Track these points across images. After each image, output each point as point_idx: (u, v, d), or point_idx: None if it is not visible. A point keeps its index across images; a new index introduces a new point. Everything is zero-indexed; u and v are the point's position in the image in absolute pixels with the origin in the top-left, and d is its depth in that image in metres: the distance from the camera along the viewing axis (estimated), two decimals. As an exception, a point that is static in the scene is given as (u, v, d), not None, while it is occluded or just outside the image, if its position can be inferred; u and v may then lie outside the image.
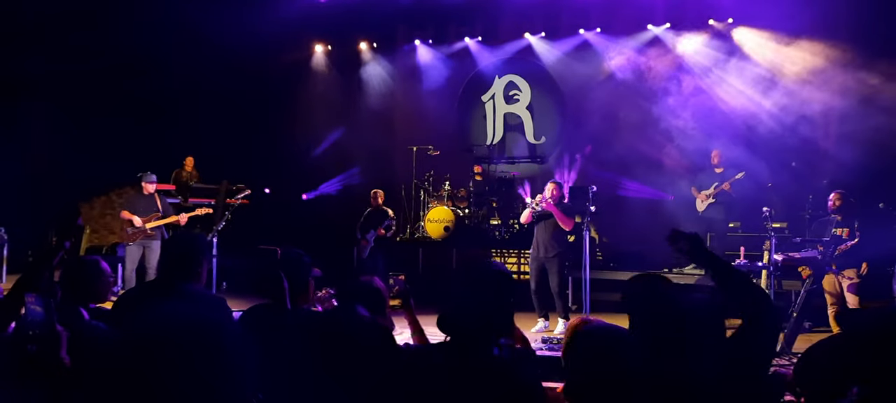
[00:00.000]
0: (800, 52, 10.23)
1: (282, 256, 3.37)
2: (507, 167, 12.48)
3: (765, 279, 7.97)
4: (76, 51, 10.72)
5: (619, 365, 2.16)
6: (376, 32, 13.20)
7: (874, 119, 9.11)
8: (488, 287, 2.39)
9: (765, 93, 10.46)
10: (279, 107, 12.75)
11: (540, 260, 7.92)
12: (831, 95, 9.79)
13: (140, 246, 8.82)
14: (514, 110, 12.97)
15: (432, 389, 2.29)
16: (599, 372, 2.18)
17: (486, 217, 11.58)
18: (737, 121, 10.79)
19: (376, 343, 2.24)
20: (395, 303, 3.69)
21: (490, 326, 2.34)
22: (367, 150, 12.70)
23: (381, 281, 3.27)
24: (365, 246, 9.84)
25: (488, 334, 2.33)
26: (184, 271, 3.23)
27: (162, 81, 11.57)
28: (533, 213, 7.92)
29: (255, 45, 11.20)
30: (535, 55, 12.59)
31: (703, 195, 9.79)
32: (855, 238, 7.16)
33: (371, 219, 10.01)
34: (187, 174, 11.65)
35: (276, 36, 11.62)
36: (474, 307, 2.33)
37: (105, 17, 10.83)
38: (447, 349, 2.35)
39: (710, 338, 2.22)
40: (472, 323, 2.31)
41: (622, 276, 9.69)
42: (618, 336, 2.30)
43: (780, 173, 9.95)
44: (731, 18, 11.08)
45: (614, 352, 2.22)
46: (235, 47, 10.91)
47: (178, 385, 1.81)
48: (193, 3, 10.68)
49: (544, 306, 7.96)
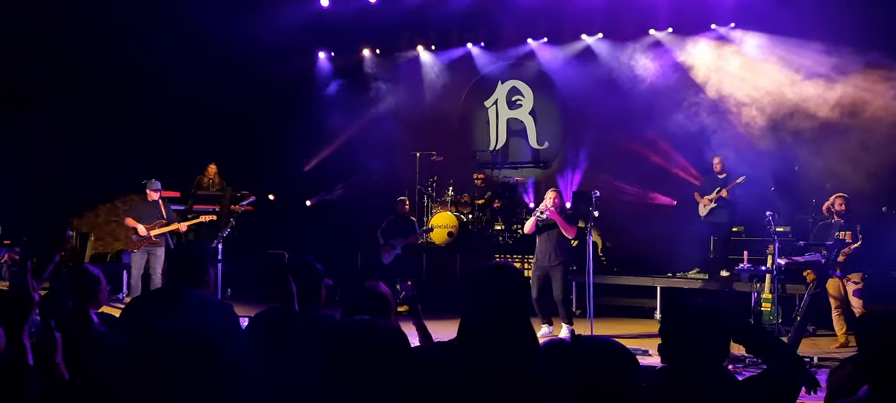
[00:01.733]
0: (802, 55, 10.24)
1: (291, 261, 3.39)
2: (511, 172, 12.51)
3: (768, 283, 7.99)
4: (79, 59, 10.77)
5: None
6: (379, 39, 13.24)
7: (877, 122, 9.12)
8: (507, 290, 2.41)
9: (766, 96, 10.46)
10: (283, 115, 12.80)
11: (544, 268, 7.94)
12: (834, 98, 9.79)
13: (144, 253, 8.84)
14: (516, 115, 13.00)
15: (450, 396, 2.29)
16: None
17: (490, 222, 11.60)
18: (739, 125, 10.80)
19: (393, 348, 2.23)
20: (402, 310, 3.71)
21: (516, 330, 2.35)
22: (370, 156, 12.73)
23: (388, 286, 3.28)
24: (388, 251, 9.79)
25: (516, 338, 2.34)
26: (192, 278, 3.25)
27: (165, 89, 11.62)
28: (537, 223, 7.95)
29: (258, 52, 11.23)
30: (537, 60, 12.63)
31: (706, 200, 9.81)
32: (858, 241, 7.17)
33: (396, 226, 9.96)
34: (209, 180, 11.56)
35: (280, 43, 11.65)
36: (496, 312, 2.34)
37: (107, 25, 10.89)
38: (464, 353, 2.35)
39: None
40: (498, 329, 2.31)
41: (625, 281, 9.72)
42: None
43: (783, 177, 9.96)
44: (734, 23, 11.08)
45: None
46: (239, 54, 10.97)
47: (185, 390, 1.83)
48: (197, 11, 10.74)
49: (546, 312, 7.99)
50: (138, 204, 9.12)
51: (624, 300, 9.64)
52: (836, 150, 9.19)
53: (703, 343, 2.39)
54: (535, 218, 7.94)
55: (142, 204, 9.01)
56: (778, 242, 7.09)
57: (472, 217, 11.49)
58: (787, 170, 9.98)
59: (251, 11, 11.36)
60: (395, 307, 3.25)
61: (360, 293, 3.16)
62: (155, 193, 8.95)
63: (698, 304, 2.52)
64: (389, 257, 9.80)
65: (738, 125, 10.80)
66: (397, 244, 9.71)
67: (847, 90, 9.68)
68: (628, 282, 9.70)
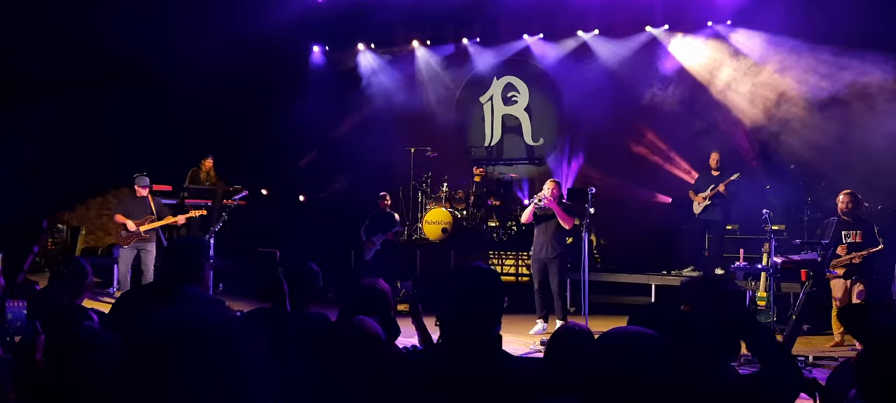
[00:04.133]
0: (798, 53, 10.23)
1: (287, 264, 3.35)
2: (505, 169, 12.47)
3: (764, 281, 7.97)
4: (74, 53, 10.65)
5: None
6: (374, 34, 13.17)
7: (873, 121, 9.12)
8: (479, 288, 2.41)
9: (763, 94, 10.46)
10: (277, 109, 12.70)
11: (541, 260, 7.91)
12: (829, 97, 9.80)
13: (134, 249, 8.76)
14: (512, 112, 12.96)
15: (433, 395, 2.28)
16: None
17: (485, 218, 11.56)
18: (734, 123, 10.80)
19: (375, 351, 2.23)
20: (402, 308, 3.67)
21: (486, 326, 2.36)
22: (364, 151, 12.67)
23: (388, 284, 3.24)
24: (370, 247, 9.78)
25: (486, 334, 2.35)
26: (186, 274, 3.20)
27: (159, 83, 11.51)
28: (535, 211, 7.89)
29: (252, 46, 11.14)
30: (533, 57, 12.59)
31: (700, 197, 9.77)
32: (878, 244, 7.04)
33: (377, 222, 9.95)
34: (205, 174, 11.40)
35: (274, 37, 11.57)
36: (469, 309, 2.34)
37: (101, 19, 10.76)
38: (445, 352, 2.35)
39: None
40: (469, 324, 2.33)
41: (620, 279, 9.70)
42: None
43: (779, 176, 9.96)
44: (730, 20, 11.07)
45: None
46: (232, 48, 10.86)
47: (185, 388, 1.79)
48: (192, 4, 10.64)
49: (545, 307, 7.95)
50: (127, 199, 9.04)
51: (618, 297, 9.61)
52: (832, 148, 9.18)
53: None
54: (534, 206, 7.89)
55: (131, 199, 8.93)
56: (774, 240, 7.07)
57: (467, 213, 11.45)
58: (782, 169, 9.97)
59: (246, 5, 11.26)
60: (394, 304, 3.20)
61: (360, 290, 3.11)
62: (143, 189, 8.85)
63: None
64: (369, 253, 9.79)
65: (734, 122, 10.81)
66: (377, 240, 9.70)
67: (844, 88, 9.68)
68: (623, 280, 9.67)
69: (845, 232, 7.30)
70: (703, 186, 9.81)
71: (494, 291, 2.47)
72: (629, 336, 2.02)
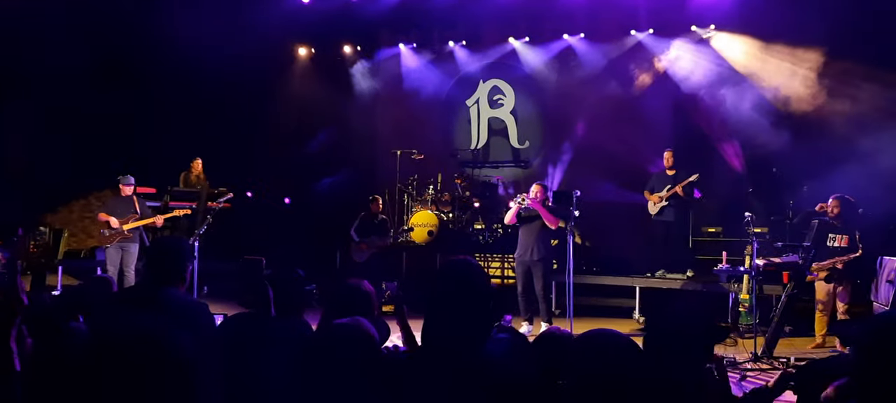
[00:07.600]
0: (780, 57, 10.34)
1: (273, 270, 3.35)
2: (491, 171, 12.49)
3: (746, 283, 8.05)
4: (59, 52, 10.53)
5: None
6: (360, 36, 13.14)
7: (854, 123, 9.21)
8: (468, 291, 2.39)
9: (746, 97, 10.54)
10: (261, 111, 12.65)
11: (526, 263, 7.91)
12: (812, 100, 9.89)
13: (119, 249, 8.71)
14: (498, 115, 12.99)
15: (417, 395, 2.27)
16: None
17: (470, 221, 11.57)
18: (719, 127, 10.89)
19: (360, 356, 2.22)
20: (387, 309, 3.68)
21: (473, 332, 2.33)
22: (350, 154, 12.65)
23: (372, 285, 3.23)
24: (363, 249, 9.76)
25: (472, 339, 2.33)
26: (167, 275, 3.18)
27: (144, 85, 11.43)
28: (519, 211, 7.88)
29: (237, 48, 11.07)
30: (519, 60, 12.62)
31: (656, 197, 9.69)
32: (857, 250, 7.15)
33: (367, 224, 9.92)
34: (195, 177, 11.28)
35: (259, 39, 11.51)
36: (455, 314, 2.33)
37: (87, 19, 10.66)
38: (429, 356, 2.35)
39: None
40: (454, 330, 2.30)
41: (605, 281, 9.72)
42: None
43: (761, 178, 10.04)
44: (714, 24, 11.17)
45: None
46: (217, 50, 10.77)
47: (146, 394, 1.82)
48: (176, 5, 10.56)
49: (530, 309, 7.96)
50: (112, 199, 9.03)
51: (603, 300, 9.65)
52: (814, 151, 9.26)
53: (686, 344, 2.39)
54: (517, 207, 7.87)
55: (116, 199, 8.91)
56: (756, 243, 7.13)
57: (453, 216, 11.45)
58: (765, 172, 10.05)
59: (231, 7, 11.20)
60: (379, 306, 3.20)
61: (343, 290, 3.11)
62: (128, 188, 8.82)
63: (683, 307, 2.53)
64: (363, 256, 9.77)
65: (718, 125, 10.89)
66: (373, 243, 9.71)
67: (825, 91, 9.78)
68: (608, 282, 9.70)
69: (831, 235, 7.40)
70: (658, 186, 9.71)
71: (480, 284, 2.43)
72: (605, 336, 2.06)
